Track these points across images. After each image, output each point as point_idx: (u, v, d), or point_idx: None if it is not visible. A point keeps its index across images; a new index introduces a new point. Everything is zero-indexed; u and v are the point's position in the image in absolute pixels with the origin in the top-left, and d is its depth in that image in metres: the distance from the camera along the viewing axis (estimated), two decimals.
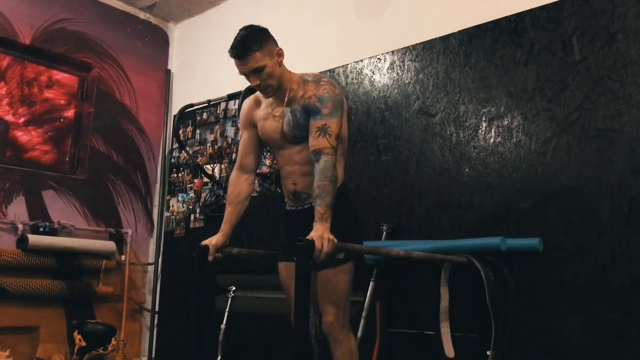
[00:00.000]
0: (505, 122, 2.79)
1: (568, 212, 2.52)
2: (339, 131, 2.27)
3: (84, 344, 3.58)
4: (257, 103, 2.48)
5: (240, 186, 2.48)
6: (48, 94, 4.31)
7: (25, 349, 3.82)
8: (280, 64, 2.32)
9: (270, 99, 2.40)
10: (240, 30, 2.28)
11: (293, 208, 2.41)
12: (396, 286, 3.00)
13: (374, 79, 3.37)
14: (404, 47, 3.26)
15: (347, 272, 2.31)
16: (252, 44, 2.22)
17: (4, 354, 3.48)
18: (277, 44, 2.32)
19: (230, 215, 2.46)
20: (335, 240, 2.04)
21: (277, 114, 2.37)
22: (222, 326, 3.55)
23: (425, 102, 3.11)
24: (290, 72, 2.37)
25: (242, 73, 2.30)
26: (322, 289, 2.30)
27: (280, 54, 2.32)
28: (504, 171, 2.75)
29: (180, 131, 4.57)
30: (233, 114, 4.22)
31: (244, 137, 2.51)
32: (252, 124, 2.48)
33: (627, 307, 2.31)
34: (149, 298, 4.52)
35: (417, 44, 3.21)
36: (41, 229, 3.91)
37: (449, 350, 2.69)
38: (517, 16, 2.84)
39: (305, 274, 1.92)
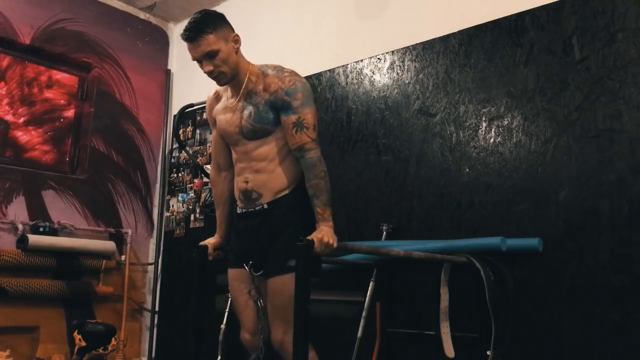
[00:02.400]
0: (505, 122, 2.79)
1: (568, 212, 2.52)
2: (316, 121, 2.16)
3: (84, 344, 3.58)
4: (218, 98, 2.38)
5: (220, 185, 2.44)
6: (48, 94, 4.32)
7: (25, 349, 3.83)
8: (237, 51, 2.19)
9: (229, 92, 2.29)
10: (195, 13, 2.18)
11: (244, 210, 2.26)
12: (396, 286, 3.00)
13: (374, 79, 3.37)
14: (404, 47, 3.26)
15: None
16: (205, 26, 2.11)
17: (4, 354, 3.48)
18: (233, 30, 2.21)
19: (221, 217, 2.44)
20: (335, 244, 2.00)
21: (235, 107, 2.25)
22: (222, 326, 3.54)
23: (425, 102, 3.11)
24: (249, 62, 2.24)
25: (194, 58, 2.18)
26: (270, 302, 2.16)
27: (236, 40, 2.19)
28: (504, 171, 2.75)
29: (180, 131, 4.57)
30: None
31: (213, 134, 2.43)
32: (215, 119, 2.39)
33: (627, 307, 2.31)
34: (149, 298, 4.52)
35: (417, 44, 3.21)
36: (41, 229, 3.92)
37: (449, 350, 2.69)
38: (517, 16, 2.83)
39: (305, 274, 1.91)
